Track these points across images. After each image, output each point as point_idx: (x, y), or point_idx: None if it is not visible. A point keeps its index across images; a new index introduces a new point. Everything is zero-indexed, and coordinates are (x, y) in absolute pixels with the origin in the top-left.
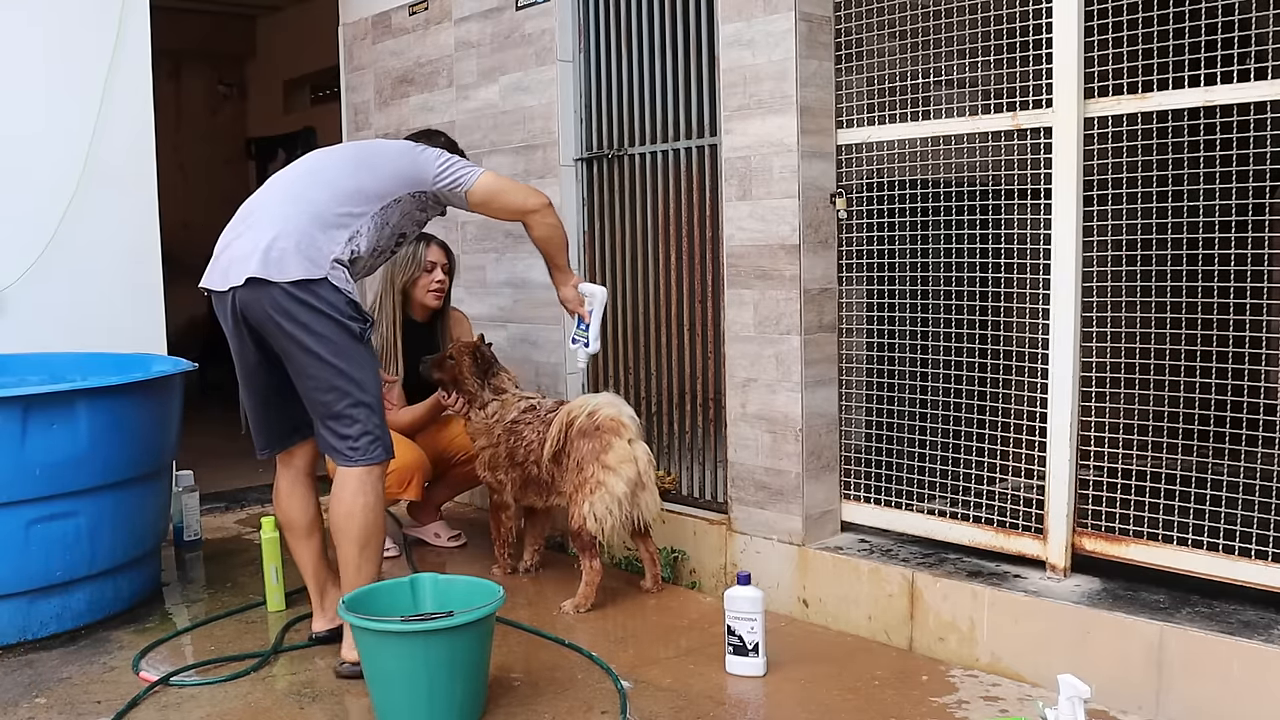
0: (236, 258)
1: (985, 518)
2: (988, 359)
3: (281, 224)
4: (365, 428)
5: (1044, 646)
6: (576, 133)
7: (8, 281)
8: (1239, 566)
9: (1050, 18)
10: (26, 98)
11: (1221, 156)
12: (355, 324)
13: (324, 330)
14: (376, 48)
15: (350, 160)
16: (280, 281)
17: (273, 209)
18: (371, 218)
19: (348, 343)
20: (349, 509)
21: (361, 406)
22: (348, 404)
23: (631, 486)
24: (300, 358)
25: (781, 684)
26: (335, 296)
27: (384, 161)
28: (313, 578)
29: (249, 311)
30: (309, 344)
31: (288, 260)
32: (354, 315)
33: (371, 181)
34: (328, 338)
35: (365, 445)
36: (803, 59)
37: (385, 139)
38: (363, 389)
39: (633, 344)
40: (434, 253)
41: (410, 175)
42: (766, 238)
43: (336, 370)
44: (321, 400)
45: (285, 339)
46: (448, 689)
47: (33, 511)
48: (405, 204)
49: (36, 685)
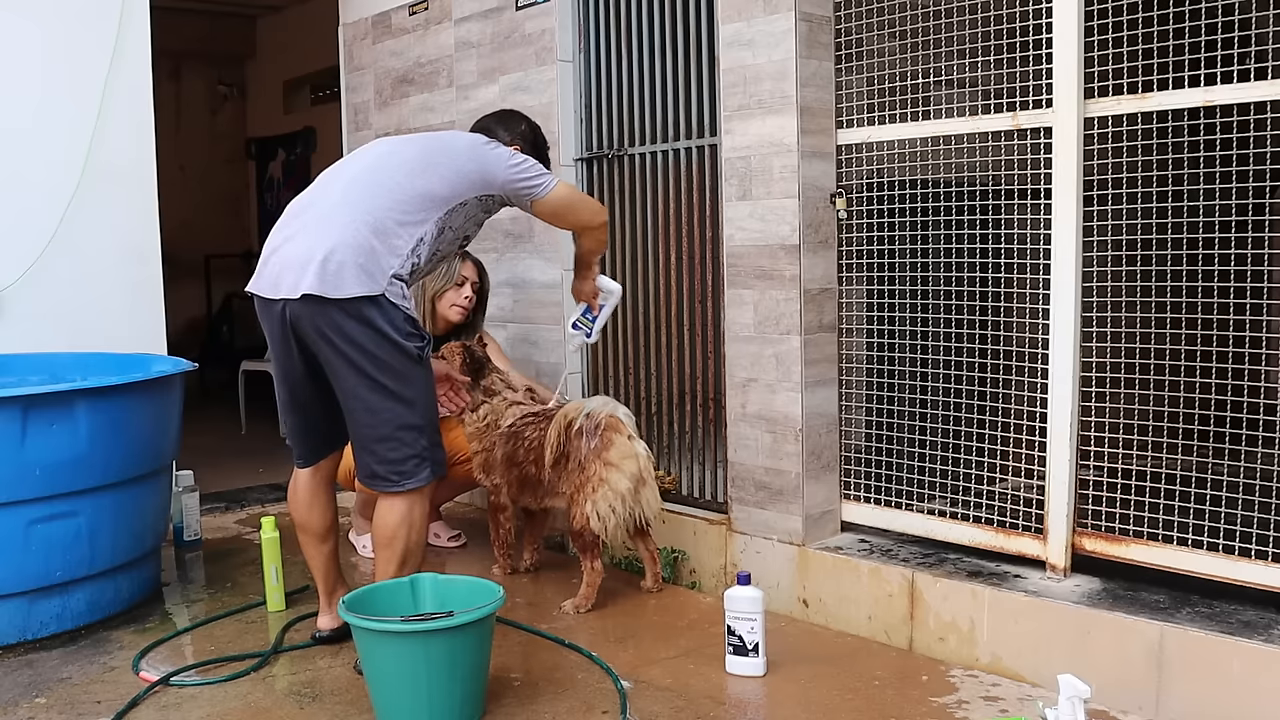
0: (289, 264)
1: (985, 518)
2: (988, 359)
3: (340, 232)
4: (412, 450)
5: (1044, 646)
6: (576, 133)
7: (8, 281)
8: (1239, 566)
9: (1050, 18)
10: (27, 98)
11: (1221, 156)
12: (413, 343)
13: (379, 351)
14: (376, 48)
15: (416, 159)
16: (336, 298)
17: (330, 212)
18: (435, 223)
19: (403, 363)
20: (394, 533)
21: (411, 430)
22: (396, 427)
23: (634, 482)
24: (350, 378)
25: (781, 684)
26: (393, 313)
27: (451, 160)
28: (323, 579)
29: (299, 325)
30: (362, 364)
31: (345, 275)
32: (412, 332)
33: (438, 184)
34: (381, 359)
35: (412, 469)
36: (803, 59)
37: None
38: (415, 411)
39: (633, 344)
40: (467, 269)
41: (479, 177)
42: (766, 238)
43: (388, 393)
44: (367, 422)
45: (336, 357)
46: (448, 689)
47: (33, 511)
48: (471, 207)
49: (36, 685)
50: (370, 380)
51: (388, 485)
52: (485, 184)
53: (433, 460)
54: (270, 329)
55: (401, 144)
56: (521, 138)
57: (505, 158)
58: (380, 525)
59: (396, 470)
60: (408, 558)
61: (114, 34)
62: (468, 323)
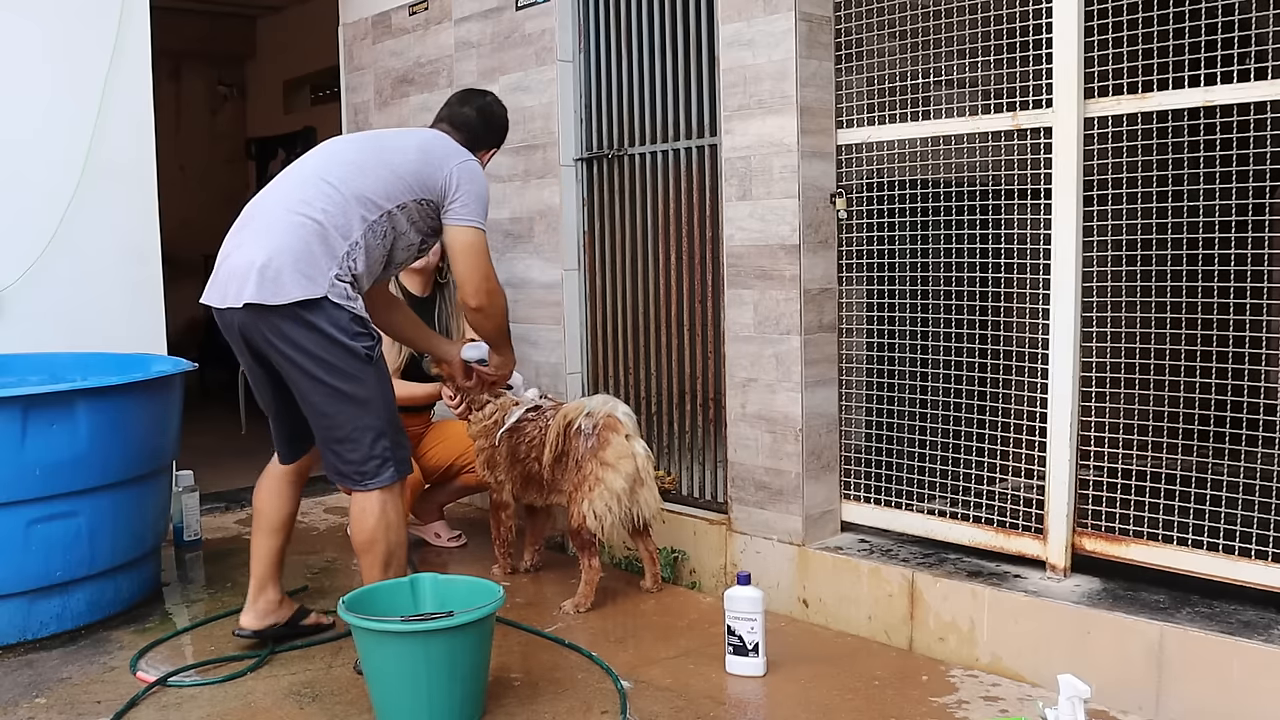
0: (234, 273)
1: (985, 518)
2: (988, 359)
3: (279, 238)
4: (372, 451)
5: (1044, 646)
6: (576, 133)
7: (8, 282)
8: (1239, 566)
9: (1050, 18)
10: (26, 98)
11: (1221, 156)
12: (361, 343)
13: (326, 354)
14: (376, 48)
15: (356, 161)
16: (277, 304)
17: (271, 219)
18: (375, 224)
19: (352, 364)
20: (372, 535)
21: (368, 430)
22: (352, 428)
23: (630, 482)
24: (302, 382)
25: (781, 684)
26: (338, 315)
27: (389, 162)
28: (257, 573)
29: (248, 334)
30: (309, 368)
31: (283, 280)
32: (360, 332)
33: (376, 186)
34: (329, 361)
35: (373, 469)
36: (803, 59)
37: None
38: (370, 411)
39: (633, 344)
40: None
41: (415, 180)
42: (766, 238)
43: (341, 394)
44: (323, 424)
45: (285, 362)
46: (448, 689)
47: (33, 511)
48: (411, 210)
49: (36, 685)
50: (320, 383)
51: (353, 483)
52: (424, 188)
53: (395, 460)
54: (228, 338)
55: (345, 145)
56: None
57: (455, 163)
58: (357, 529)
59: (358, 470)
60: (390, 560)
61: (114, 34)
62: (443, 281)
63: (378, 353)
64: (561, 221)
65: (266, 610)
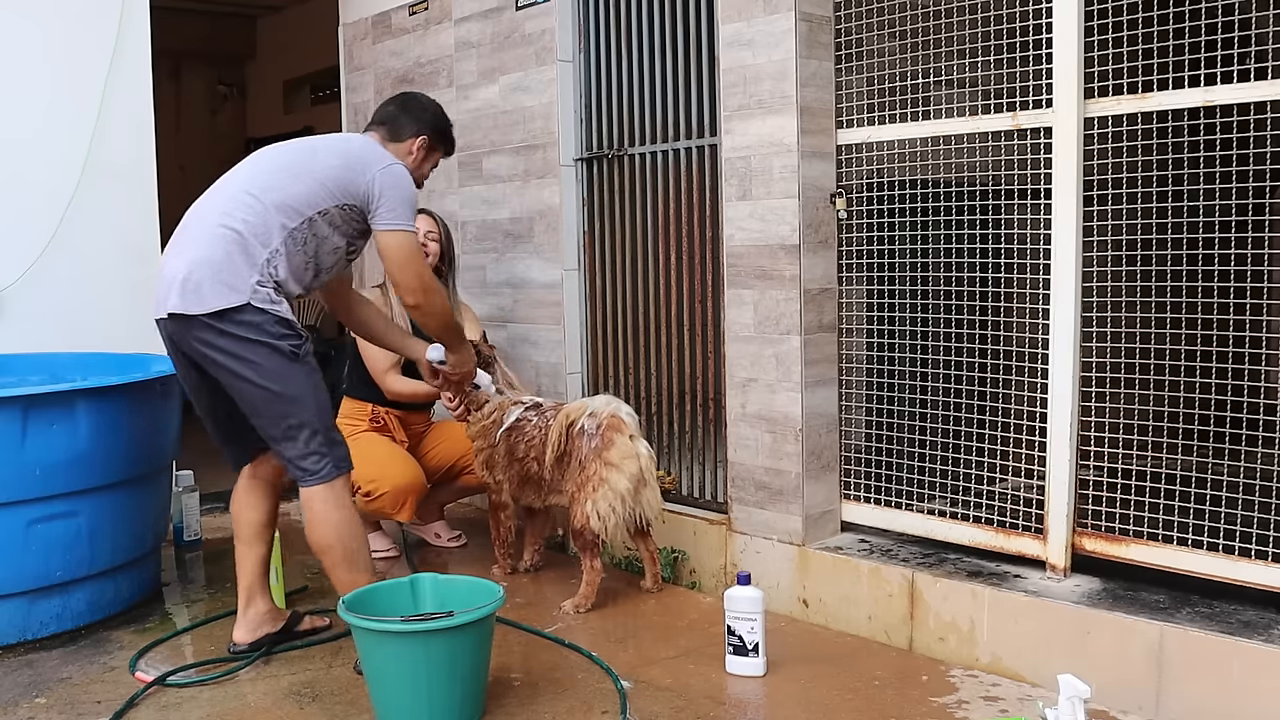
0: (163, 283)
1: (985, 518)
2: (988, 359)
3: (201, 249)
4: (309, 448)
5: (1044, 646)
6: (576, 133)
7: (8, 282)
8: (1239, 566)
9: (1050, 18)
10: (27, 98)
11: (1221, 156)
12: (286, 343)
13: (252, 356)
14: (376, 48)
15: (280, 169)
16: (200, 314)
17: (197, 229)
18: (296, 231)
19: (279, 364)
20: (322, 532)
21: (302, 428)
22: (287, 426)
23: (634, 483)
24: (234, 384)
25: (781, 684)
26: (261, 318)
27: (311, 169)
28: (243, 585)
29: (178, 342)
30: (240, 371)
31: (204, 290)
32: (286, 333)
33: (297, 192)
34: (257, 363)
35: (312, 465)
36: (803, 59)
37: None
38: (301, 408)
39: (633, 344)
40: (420, 219)
41: (337, 186)
42: (766, 238)
43: (271, 394)
44: (260, 424)
45: (214, 367)
46: (448, 689)
47: (33, 511)
48: (334, 216)
49: (36, 685)
50: (251, 384)
51: (299, 477)
52: (346, 194)
53: (333, 457)
54: (166, 348)
55: (272, 154)
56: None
57: (378, 169)
58: (308, 528)
59: (298, 467)
60: (352, 558)
61: (114, 34)
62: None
63: (305, 350)
64: (561, 221)
65: (258, 622)
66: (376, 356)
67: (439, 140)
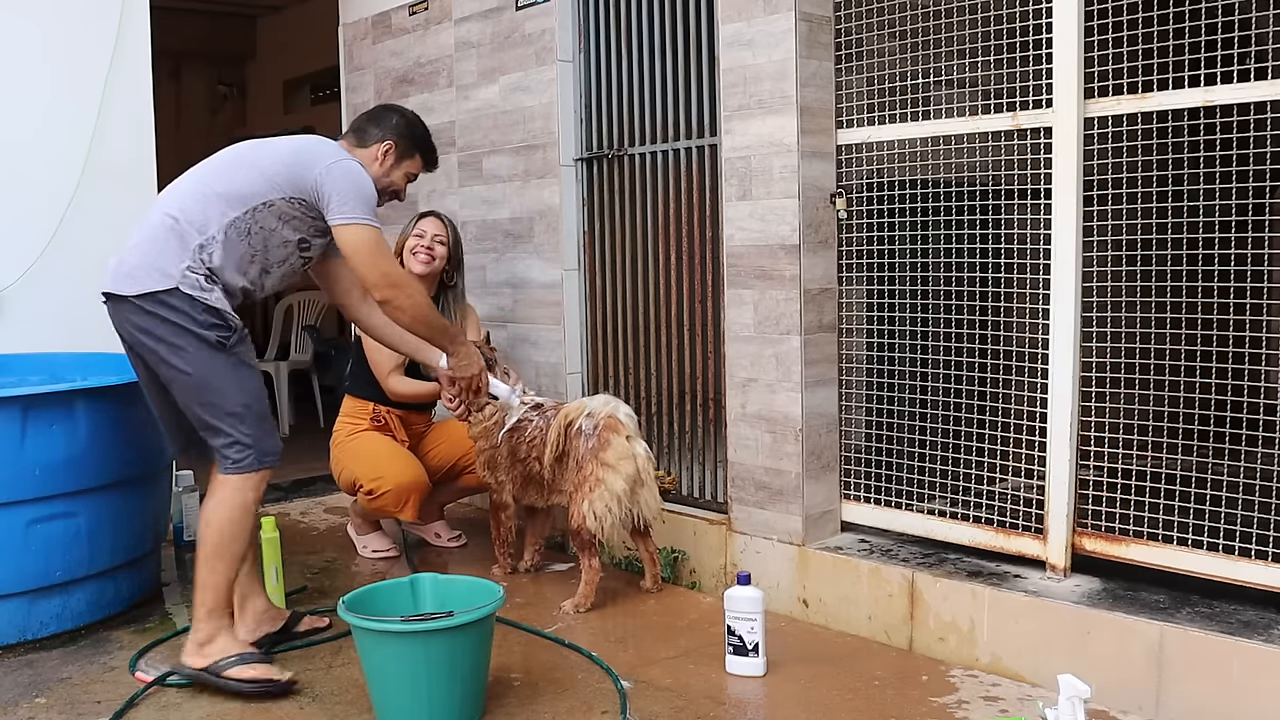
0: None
1: (985, 518)
2: (988, 359)
3: (141, 232)
4: (233, 437)
5: (1044, 646)
6: (576, 133)
7: (8, 282)
8: (1239, 566)
9: (1050, 18)
10: (27, 98)
11: (1221, 156)
12: (215, 332)
13: (178, 341)
14: (376, 48)
15: (230, 160)
16: (130, 295)
17: (145, 219)
18: (235, 221)
19: (206, 353)
20: (208, 516)
21: (229, 417)
22: (212, 415)
23: (631, 483)
24: (162, 369)
25: (781, 684)
26: (190, 305)
27: (258, 161)
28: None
29: (116, 325)
30: (167, 357)
31: (137, 273)
32: (214, 323)
33: (239, 183)
34: (182, 348)
35: (235, 454)
36: (803, 59)
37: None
38: (226, 398)
39: (633, 344)
40: (428, 222)
41: (284, 179)
42: (766, 238)
43: (196, 382)
44: (189, 412)
45: (145, 351)
46: (448, 689)
47: (32, 511)
48: (280, 208)
49: (36, 685)
50: (177, 371)
51: (220, 464)
52: (294, 187)
53: (257, 450)
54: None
55: (227, 151)
56: (394, 130)
57: (326, 163)
58: (204, 507)
59: (222, 454)
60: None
61: (114, 34)
62: (450, 284)
63: (233, 341)
64: (561, 221)
65: (256, 621)
66: (381, 358)
67: (410, 147)
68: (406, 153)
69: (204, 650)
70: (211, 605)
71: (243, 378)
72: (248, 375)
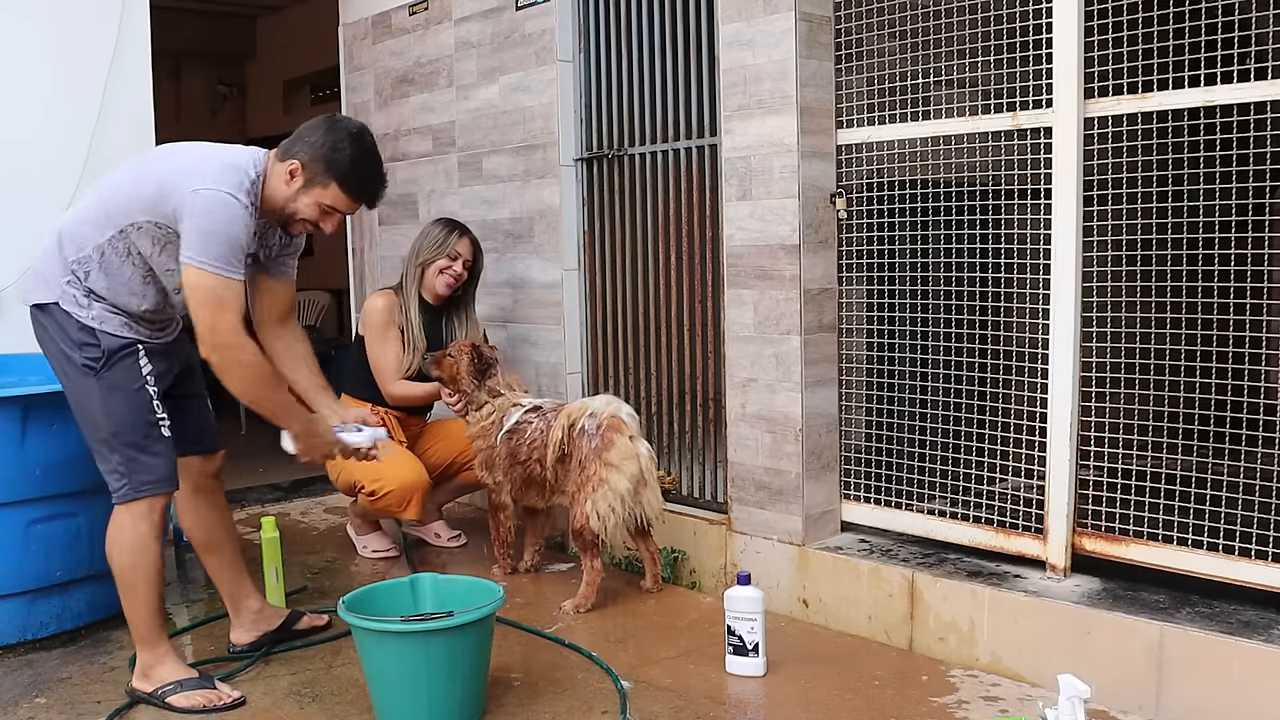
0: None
1: (985, 518)
2: (988, 359)
3: (46, 238)
4: (108, 466)
5: (1044, 646)
6: (576, 133)
7: (8, 282)
8: (1239, 566)
9: (1050, 18)
10: (26, 98)
11: (1221, 156)
12: (81, 353)
13: (55, 363)
14: (376, 48)
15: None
16: (29, 305)
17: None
18: (109, 239)
19: (74, 376)
20: (108, 551)
21: (100, 444)
22: (89, 439)
23: (634, 483)
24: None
25: (781, 684)
26: (66, 322)
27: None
28: (224, 592)
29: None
30: (56, 371)
31: (34, 283)
32: (86, 342)
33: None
34: (61, 369)
35: (113, 483)
36: (803, 59)
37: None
38: (97, 426)
39: (633, 344)
40: (463, 245)
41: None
42: (766, 238)
43: (73, 404)
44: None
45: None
46: (448, 689)
47: (33, 511)
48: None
49: (36, 685)
50: (65, 389)
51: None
52: (156, 211)
53: (132, 481)
54: None
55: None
56: (309, 150)
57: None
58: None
59: (107, 481)
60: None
61: (114, 34)
62: (460, 294)
63: (101, 365)
64: (561, 221)
65: (253, 621)
66: (382, 361)
67: (323, 173)
68: (317, 179)
69: (148, 676)
70: (142, 633)
71: (112, 404)
72: (119, 401)
